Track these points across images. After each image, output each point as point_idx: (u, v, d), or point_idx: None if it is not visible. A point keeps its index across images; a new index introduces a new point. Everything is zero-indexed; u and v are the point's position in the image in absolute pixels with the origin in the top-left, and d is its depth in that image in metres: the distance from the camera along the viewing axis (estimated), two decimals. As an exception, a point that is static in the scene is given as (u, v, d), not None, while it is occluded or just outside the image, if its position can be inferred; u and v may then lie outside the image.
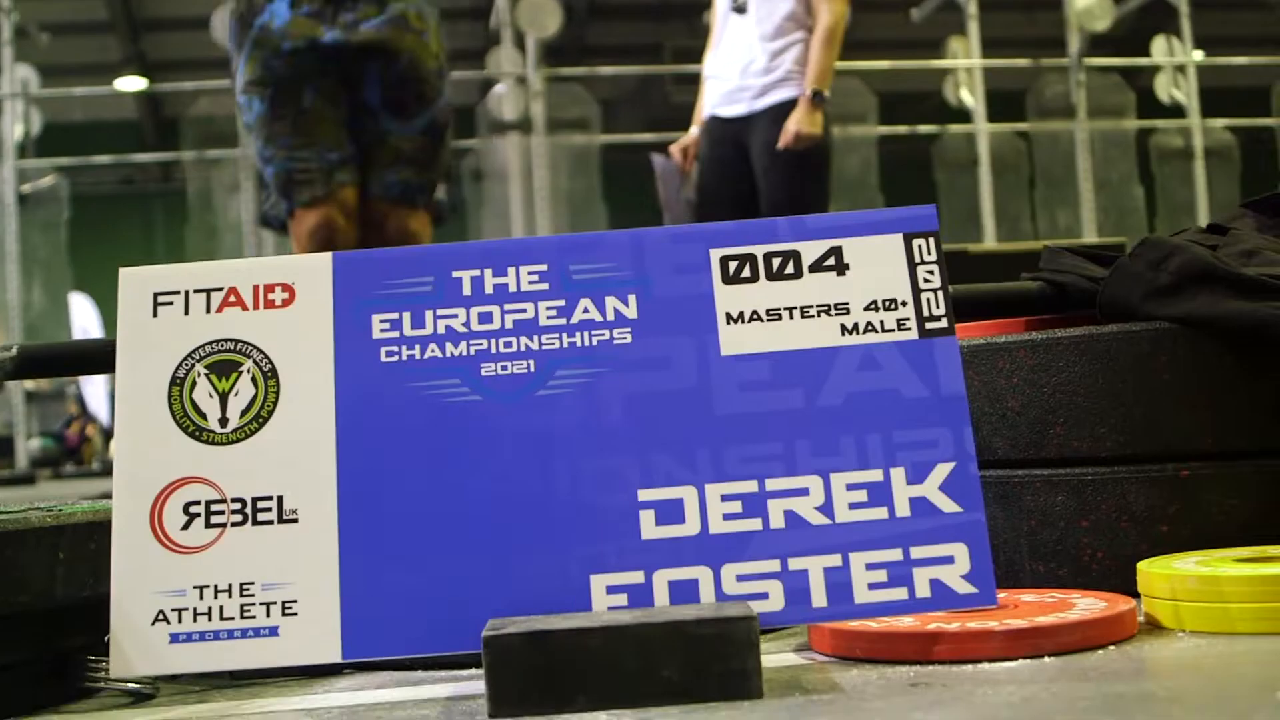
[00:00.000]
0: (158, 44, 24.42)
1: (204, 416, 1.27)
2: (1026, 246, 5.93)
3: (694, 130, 5.25)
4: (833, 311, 1.28)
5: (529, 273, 1.30)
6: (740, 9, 5.05)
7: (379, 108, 3.55)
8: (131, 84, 24.37)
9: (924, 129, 13.05)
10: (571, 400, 1.27)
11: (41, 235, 12.01)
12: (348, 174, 3.49)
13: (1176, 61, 12.53)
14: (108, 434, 20.86)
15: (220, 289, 1.31)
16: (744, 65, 5.00)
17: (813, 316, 1.29)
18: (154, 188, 23.12)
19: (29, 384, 12.18)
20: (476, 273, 1.30)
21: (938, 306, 1.28)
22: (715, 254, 1.30)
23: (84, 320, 19.54)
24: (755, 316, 1.28)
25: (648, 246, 1.31)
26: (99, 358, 1.75)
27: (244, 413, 1.27)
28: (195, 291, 1.31)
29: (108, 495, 4.60)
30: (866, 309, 1.28)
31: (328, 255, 1.31)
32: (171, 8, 23.78)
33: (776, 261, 1.30)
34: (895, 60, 13.07)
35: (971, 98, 12.85)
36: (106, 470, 18.02)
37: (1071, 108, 12.09)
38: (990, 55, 13.05)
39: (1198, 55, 13.02)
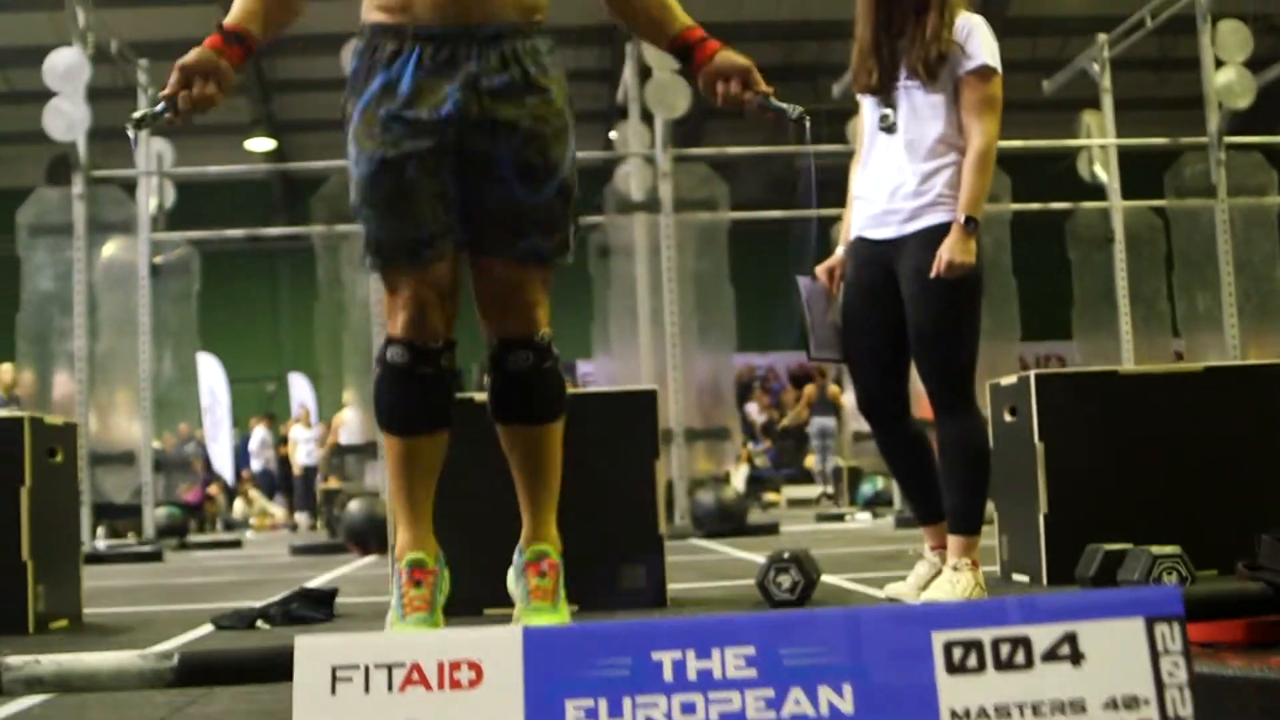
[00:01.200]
0: (287, 105, 24.81)
1: (386, 812, 1.18)
2: (1180, 368, 5.75)
3: (840, 251, 5.12)
4: (1067, 710, 1.17)
5: (735, 656, 1.20)
6: (889, 129, 4.91)
7: (509, 174, 3.45)
8: (261, 144, 24.81)
9: (1056, 205, 12.87)
10: (783, 810, 1.17)
11: (172, 306, 12.14)
12: (438, 249, 3.41)
13: (1319, 140, 12.24)
14: (231, 493, 21.09)
15: (403, 665, 1.22)
16: (893, 188, 4.85)
17: (1045, 715, 1.17)
18: (281, 245, 23.37)
19: (156, 443, 12.28)
20: (678, 655, 1.20)
21: (1183, 705, 1.16)
22: (938, 639, 1.19)
23: (211, 380, 19.81)
24: (983, 714, 1.17)
25: (864, 628, 1.20)
26: (258, 667, 1.67)
27: (429, 810, 1.18)
28: (376, 667, 1.23)
29: (233, 567, 4.58)
30: (1105, 707, 1.17)
31: (518, 631, 1.22)
32: (301, 69, 24.15)
33: (1005, 649, 1.19)
34: (1027, 137, 12.90)
35: (1105, 174, 12.64)
36: (229, 529, 18.19)
37: (1211, 186, 11.82)
38: (1124, 120, 12.84)
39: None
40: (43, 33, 21.12)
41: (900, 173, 4.86)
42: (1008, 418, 5.68)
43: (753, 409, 21.30)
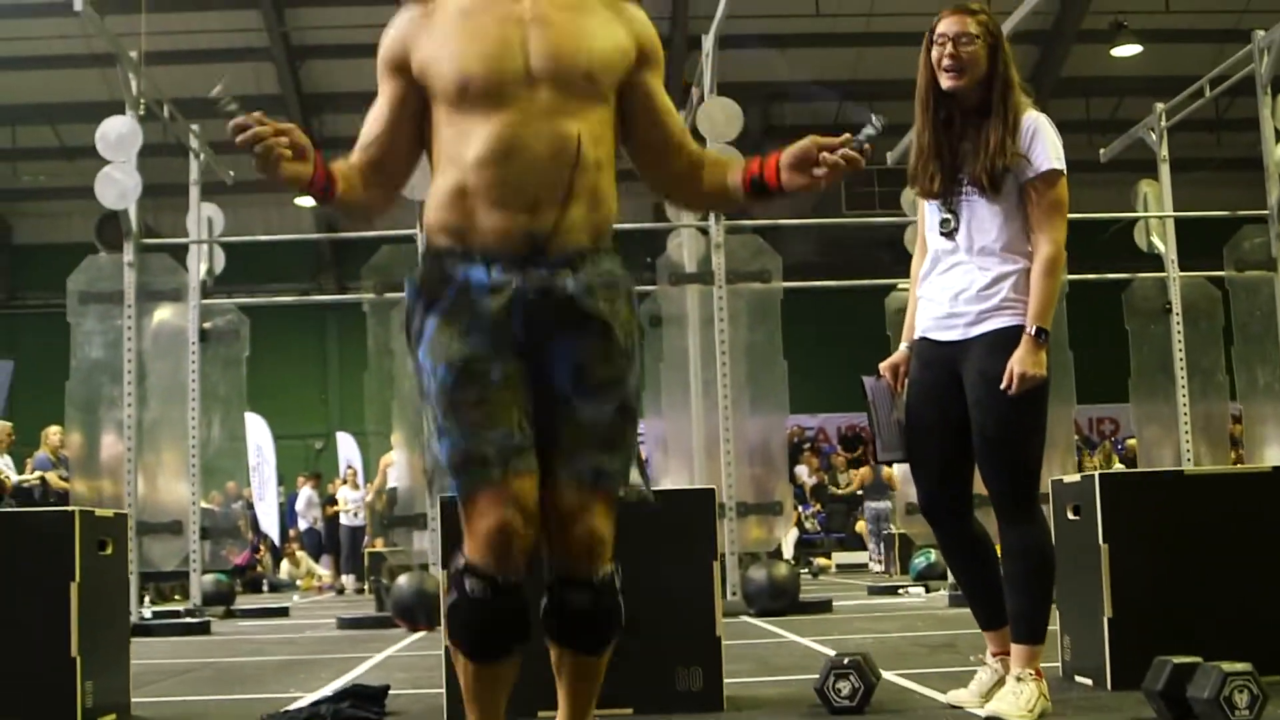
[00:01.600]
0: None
1: None
2: (1248, 470, 5.63)
3: (903, 348, 5.03)
4: None
5: None
6: (950, 234, 4.82)
7: (568, 386, 3.34)
8: (310, 201, 24.81)
9: (1113, 275, 12.74)
10: None
11: (221, 373, 12.10)
12: (526, 461, 3.27)
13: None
14: (277, 553, 21.02)
15: None
16: (957, 291, 4.75)
17: None
18: (329, 300, 23.36)
19: (204, 504, 12.23)
20: None
21: None
22: None
23: (257, 437, 19.78)
24: None
25: None
26: None
27: None
28: None
29: (281, 642, 4.51)
30: None
31: None
32: (351, 126, 24.14)
33: None
34: (1082, 200, 12.72)
35: (1162, 244, 12.50)
36: (274, 591, 18.13)
37: (1271, 259, 11.66)
38: (1180, 180, 12.70)
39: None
40: (94, 89, 21.36)
41: (965, 276, 4.77)
42: (1070, 516, 5.58)
43: (802, 471, 21.15)
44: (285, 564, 20.18)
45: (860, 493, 20.31)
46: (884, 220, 15.19)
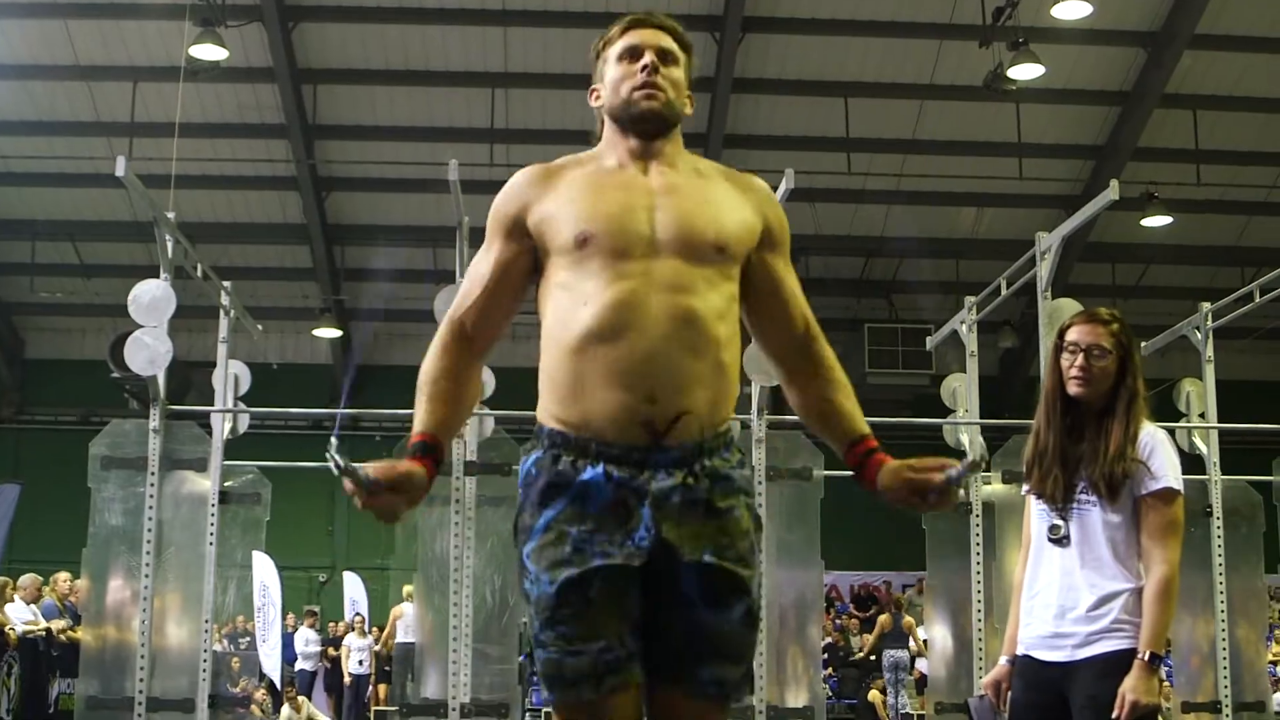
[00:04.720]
0: (354, 292, 24.72)
1: None
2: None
3: (1004, 661, 4.82)
4: None
5: None
6: (1059, 541, 4.61)
7: (693, 593, 3.19)
8: (328, 333, 24.69)
9: (1154, 479, 12.46)
10: None
11: (240, 536, 11.79)
12: (625, 675, 3.14)
13: None
14: (277, 695, 20.21)
15: None
16: (1063, 609, 4.56)
17: None
18: (343, 434, 23.05)
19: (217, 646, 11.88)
20: None
21: None
22: None
23: (264, 575, 19.28)
24: None
25: None
26: None
27: None
28: None
29: None
30: None
31: None
32: (374, 259, 24.09)
33: None
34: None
35: (1205, 446, 12.28)
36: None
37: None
38: (1221, 347, 12.49)
39: None
40: (115, 209, 21.23)
41: (1072, 592, 4.58)
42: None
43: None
44: (286, 709, 19.61)
45: (873, 658, 19.89)
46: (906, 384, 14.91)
